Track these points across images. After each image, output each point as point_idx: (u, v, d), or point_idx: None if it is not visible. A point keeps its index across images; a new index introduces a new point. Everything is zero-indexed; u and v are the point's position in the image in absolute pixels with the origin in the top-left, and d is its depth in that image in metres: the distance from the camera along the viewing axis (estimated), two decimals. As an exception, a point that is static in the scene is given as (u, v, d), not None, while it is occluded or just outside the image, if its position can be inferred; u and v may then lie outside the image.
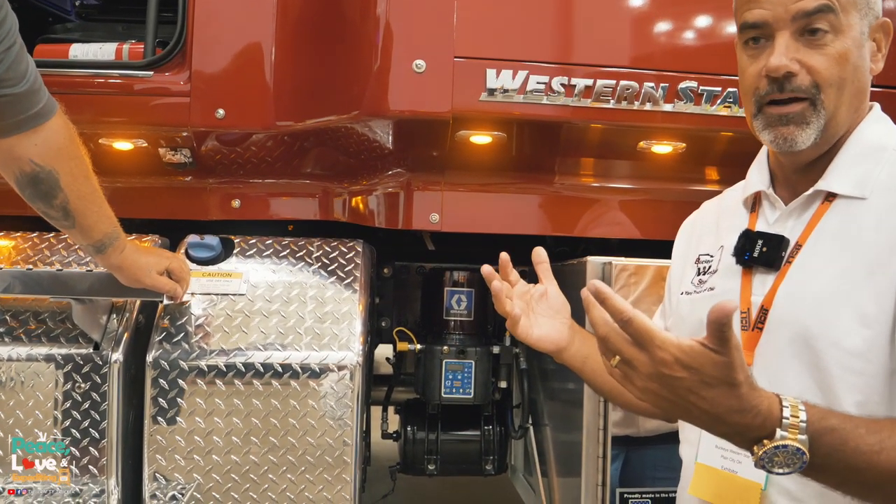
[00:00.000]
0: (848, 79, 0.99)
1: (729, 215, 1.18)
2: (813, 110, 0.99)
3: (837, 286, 0.97)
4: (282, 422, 1.64)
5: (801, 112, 0.99)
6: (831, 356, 0.96)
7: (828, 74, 0.98)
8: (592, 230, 1.90)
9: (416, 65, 1.65)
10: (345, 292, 1.78)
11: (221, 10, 1.84)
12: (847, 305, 0.95)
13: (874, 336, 0.93)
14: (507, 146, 1.80)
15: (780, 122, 1.01)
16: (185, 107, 1.82)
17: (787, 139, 1.01)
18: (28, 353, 1.65)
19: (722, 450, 1.05)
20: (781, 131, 1.01)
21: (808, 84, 0.98)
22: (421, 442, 2.13)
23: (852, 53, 0.98)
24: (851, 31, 0.98)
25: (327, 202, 2.01)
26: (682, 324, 1.17)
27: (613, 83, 1.69)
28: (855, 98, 1.01)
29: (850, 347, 0.95)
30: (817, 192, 1.04)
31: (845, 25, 0.98)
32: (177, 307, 1.72)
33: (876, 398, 0.94)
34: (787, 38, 0.98)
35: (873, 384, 0.94)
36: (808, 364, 0.98)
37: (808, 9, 0.96)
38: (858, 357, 0.94)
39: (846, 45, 0.98)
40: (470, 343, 2.06)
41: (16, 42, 1.21)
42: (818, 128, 0.99)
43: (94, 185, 1.42)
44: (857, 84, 1.00)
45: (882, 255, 0.95)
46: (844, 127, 1.02)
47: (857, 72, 1.00)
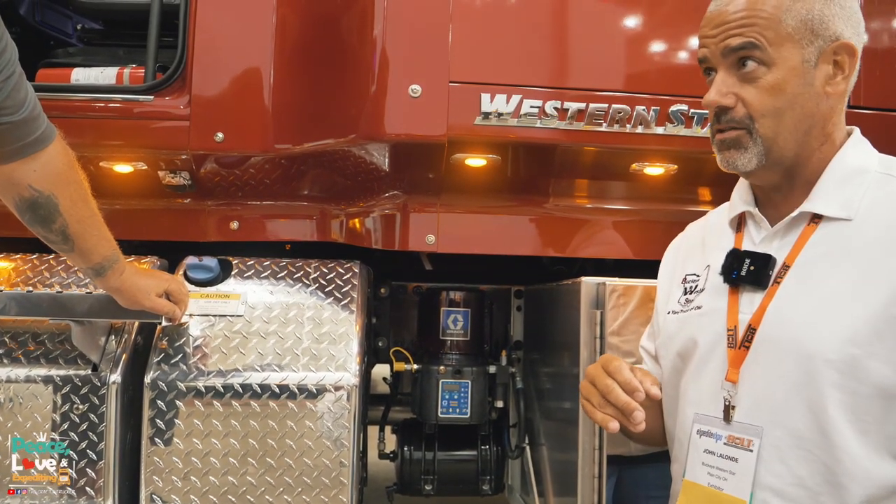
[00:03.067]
0: (784, 107, 1.03)
1: (715, 235, 1.20)
2: (749, 136, 1.05)
3: (826, 306, 0.99)
4: (279, 443, 1.64)
5: (737, 138, 1.05)
6: (821, 375, 0.97)
7: (759, 106, 1.03)
8: (587, 251, 1.92)
9: (412, 89, 1.68)
10: (342, 313, 1.79)
11: (221, 35, 1.87)
12: (836, 325, 0.97)
13: (864, 356, 0.95)
14: (502, 168, 1.82)
15: (722, 146, 1.08)
16: (184, 130, 1.85)
17: (729, 162, 1.07)
18: (27, 375, 1.66)
19: (708, 467, 1.07)
20: (724, 155, 1.08)
21: (742, 115, 1.04)
22: (418, 462, 2.13)
23: (788, 83, 1.02)
24: (787, 63, 1.02)
25: (325, 223, 2.03)
26: (670, 342, 1.19)
27: (606, 106, 1.72)
28: (801, 123, 1.04)
29: (840, 366, 0.96)
30: (803, 214, 1.07)
31: (777, 58, 1.02)
32: (175, 328, 1.73)
33: (868, 418, 0.96)
34: (724, 72, 1.05)
35: (864, 404, 0.96)
36: (796, 383, 0.99)
37: (732, 45, 1.03)
38: (848, 376, 0.96)
39: (779, 77, 1.02)
40: (466, 363, 2.08)
41: (15, 71, 1.23)
42: (758, 153, 1.05)
43: (93, 208, 1.44)
44: (801, 110, 1.04)
45: (870, 275, 0.97)
46: (794, 149, 1.06)
47: (798, 98, 1.03)
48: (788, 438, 0.99)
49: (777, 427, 1.00)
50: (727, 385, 1.06)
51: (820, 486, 0.97)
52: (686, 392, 1.14)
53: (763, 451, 1.01)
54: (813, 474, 0.98)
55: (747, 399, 1.04)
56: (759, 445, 1.01)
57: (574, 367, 1.65)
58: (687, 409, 1.13)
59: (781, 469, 1.00)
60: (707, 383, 1.09)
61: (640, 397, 0.99)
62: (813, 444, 0.98)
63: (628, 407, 0.99)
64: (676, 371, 1.17)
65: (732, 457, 1.04)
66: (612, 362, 1.04)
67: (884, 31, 1.87)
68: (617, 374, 1.02)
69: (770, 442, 1.00)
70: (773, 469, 1.00)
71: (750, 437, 1.02)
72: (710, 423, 1.07)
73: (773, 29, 1.02)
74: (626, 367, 1.03)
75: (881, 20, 1.86)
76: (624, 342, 1.58)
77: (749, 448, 1.02)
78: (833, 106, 1.06)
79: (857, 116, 1.21)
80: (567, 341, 1.73)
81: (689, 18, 1.78)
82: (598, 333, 1.61)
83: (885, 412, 0.96)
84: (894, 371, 0.94)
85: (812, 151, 1.07)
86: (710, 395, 1.08)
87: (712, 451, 1.06)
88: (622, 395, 1.00)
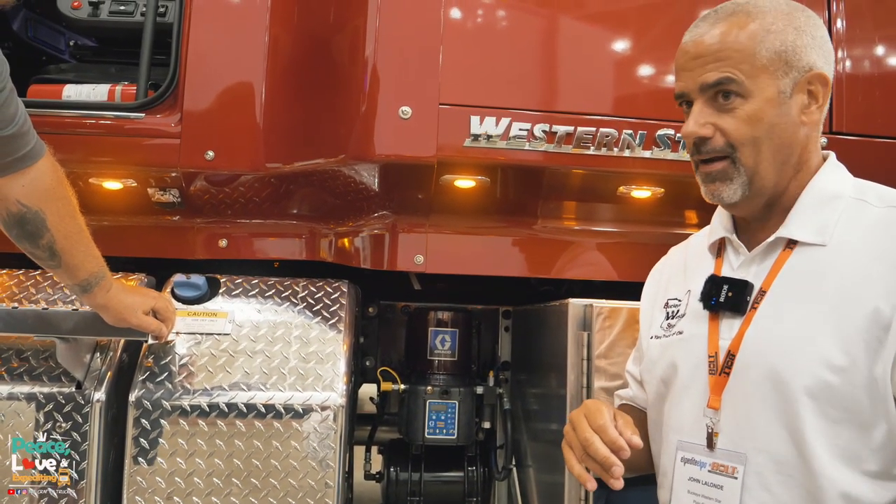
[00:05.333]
0: (762, 136, 1.05)
1: (696, 260, 1.22)
2: (733, 167, 1.07)
3: (802, 331, 1.00)
4: (264, 463, 1.63)
5: (722, 169, 1.07)
6: (797, 401, 0.98)
7: (738, 135, 1.05)
8: (573, 272, 1.93)
9: (402, 111, 1.70)
10: (329, 332, 1.79)
11: (213, 53, 1.88)
12: (812, 350, 0.98)
13: (838, 381, 0.96)
14: (491, 190, 1.84)
15: (707, 179, 1.10)
16: (175, 148, 1.85)
17: (715, 194, 1.09)
18: (9, 392, 1.64)
19: (694, 495, 1.07)
20: (710, 188, 1.10)
21: (723, 144, 1.06)
22: (404, 483, 2.12)
23: (766, 113, 1.05)
24: (763, 94, 1.05)
25: (314, 242, 2.03)
26: (654, 367, 1.20)
27: (594, 130, 1.74)
28: (779, 153, 1.06)
29: (815, 392, 0.97)
30: (779, 240, 1.08)
31: (754, 89, 1.04)
32: (161, 346, 1.72)
33: (843, 443, 0.96)
34: (701, 105, 1.07)
35: (839, 429, 0.96)
36: (776, 409, 1.00)
37: (709, 81, 1.05)
38: (822, 401, 0.97)
39: (755, 107, 1.04)
40: (454, 383, 2.07)
41: (6, 87, 1.24)
42: (742, 183, 1.07)
43: (81, 225, 1.44)
44: (778, 140, 1.06)
45: (844, 301, 0.98)
46: (773, 179, 1.07)
47: (776, 129, 1.05)
48: (771, 464, 1.00)
49: (759, 453, 1.01)
50: (709, 412, 1.06)
51: None
52: (669, 418, 1.15)
53: (747, 478, 1.01)
54: (796, 499, 0.98)
55: (729, 426, 1.05)
56: (743, 472, 1.01)
57: (561, 389, 1.66)
58: (670, 435, 1.14)
59: (765, 496, 1.00)
60: (689, 409, 1.10)
61: (624, 456, 0.99)
62: (794, 470, 0.98)
63: (607, 462, 0.99)
64: (660, 396, 1.18)
65: (717, 484, 1.04)
66: (597, 418, 1.02)
67: (864, 58, 1.91)
68: (602, 433, 1.01)
69: (753, 469, 1.01)
70: (757, 496, 1.00)
71: (734, 464, 1.03)
72: (694, 450, 1.08)
73: (747, 62, 1.04)
74: (610, 425, 1.01)
75: (861, 47, 1.90)
76: (612, 364, 1.59)
77: (734, 475, 1.02)
78: (808, 134, 1.09)
79: (840, 143, 1.23)
80: (554, 362, 1.73)
81: (677, 44, 1.81)
82: (585, 355, 1.61)
83: (861, 436, 0.96)
84: (868, 395, 0.95)
85: (789, 179, 1.09)
86: (692, 422, 1.09)
87: (697, 479, 1.07)
88: (602, 449, 0.99)
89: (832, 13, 1.87)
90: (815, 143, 1.11)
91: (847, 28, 1.87)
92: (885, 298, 0.95)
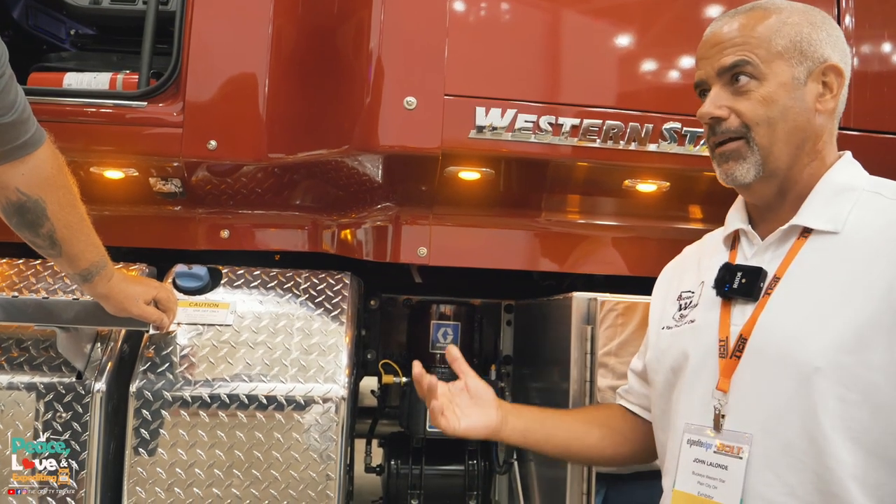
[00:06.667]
0: (776, 118, 1.08)
1: (709, 254, 1.23)
2: (748, 146, 1.10)
3: (816, 316, 1.01)
4: (265, 455, 1.62)
5: (736, 149, 1.10)
6: (811, 384, 0.98)
7: (752, 115, 1.09)
8: (578, 266, 1.92)
9: (406, 101, 1.68)
10: (331, 324, 1.78)
11: (217, 42, 1.87)
12: (825, 334, 0.99)
13: (853, 363, 0.97)
14: (495, 182, 1.82)
15: (721, 159, 1.13)
16: (177, 137, 1.84)
17: (728, 174, 1.12)
18: (9, 382, 1.63)
19: (698, 476, 1.07)
20: (724, 167, 1.13)
21: (738, 125, 1.10)
22: (405, 476, 2.11)
23: (780, 96, 1.08)
24: (778, 78, 1.08)
25: (316, 234, 2.02)
26: (663, 357, 1.20)
27: (600, 123, 1.73)
28: (793, 135, 1.09)
29: (829, 374, 0.97)
30: (793, 228, 1.10)
31: (769, 73, 1.09)
32: (162, 337, 1.71)
33: (858, 426, 0.97)
34: (718, 89, 1.12)
35: (854, 411, 0.97)
36: (786, 392, 1.00)
37: (726, 65, 1.10)
38: (837, 384, 0.97)
39: (770, 90, 1.08)
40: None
41: (5, 73, 1.22)
42: (755, 162, 1.10)
43: (82, 213, 1.42)
44: (793, 122, 1.09)
45: (857, 284, 1.00)
46: (787, 161, 1.10)
47: (790, 111, 1.09)
48: (779, 447, 1.00)
49: (767, 436, 1.01)
50: (717, 394, 1.07)
51: (811, 494, 0.98)
52: (678, 404, 1.15)
53: (753, 459, 1.01)
54: (804, 483, 0.98)
55: (738, 408, 1.05)
56: (749, 453, 1.02)
57: (564, 383, 1.65)
58: (678, 420, 1.14)
59: (772, 478, 1.00)
60: (699, 394, 1.11)
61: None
62: (803, 453, 0.99)
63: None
64: (669, 385, 1.18)
65: (722, 465, 1.04)
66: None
67: (872, 54, 1.90)
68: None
69: (760, 450, 1.01)
70: (763, 478, 1.00)
71: (740, 444, 1.03)
72: (701, 432, 1.09)
73: (763, 48, 1.08)
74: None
75: (870, 43, 1.89)
76: (622, 363, 1.58)
77: (739, 455, 1.03)
78: (823, 124, 1.11)
79: (848, 138, 1.22)
80: (557, 357, 1.73)
81: (684, 37, 1.81)
82: (588, 349, 1.60)
83: (875, 419, 0.97)
84: (884, 377, 0.96)
85: (803, 167, 1.11)
86: (701, 406, 1.10)
87: (702, 460, 1.07)
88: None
89: (841, 10, 1.86)
90: (831, 136, 1.13)
91: (856, 25, 1.86)
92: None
